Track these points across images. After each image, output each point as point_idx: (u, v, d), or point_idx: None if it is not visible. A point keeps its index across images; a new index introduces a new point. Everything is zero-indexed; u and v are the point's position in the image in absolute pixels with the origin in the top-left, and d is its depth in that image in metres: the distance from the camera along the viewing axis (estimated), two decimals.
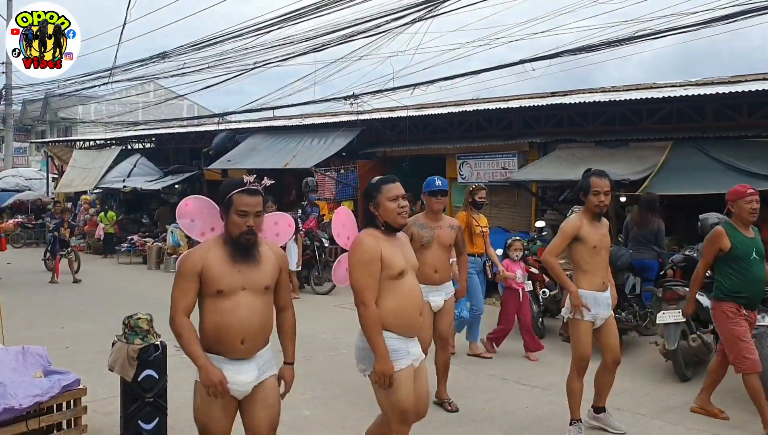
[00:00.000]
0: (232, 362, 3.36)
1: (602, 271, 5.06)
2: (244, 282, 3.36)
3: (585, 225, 4.98)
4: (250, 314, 3.36)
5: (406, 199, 3.78)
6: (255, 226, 3.36)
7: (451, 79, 12.78)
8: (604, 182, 4.96)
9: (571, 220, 5.09)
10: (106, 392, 5.74)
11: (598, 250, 4.98)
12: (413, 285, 3.74)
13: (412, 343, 3.73)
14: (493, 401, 6.01)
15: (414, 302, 3.71)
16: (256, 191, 3.38)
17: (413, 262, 3.82)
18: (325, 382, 6.56)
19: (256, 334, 3.40)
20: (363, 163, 14.67)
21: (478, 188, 7.42)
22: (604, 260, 5.08)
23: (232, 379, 3.34)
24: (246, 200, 3.33)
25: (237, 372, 3.36)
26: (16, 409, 4.34)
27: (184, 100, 33.11)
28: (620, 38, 9.90)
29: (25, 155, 37.27)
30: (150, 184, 19.26)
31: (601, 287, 5.02)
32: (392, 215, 3.70)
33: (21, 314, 9.68)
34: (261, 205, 3.39)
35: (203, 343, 3.39)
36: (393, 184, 3.78)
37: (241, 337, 3.34)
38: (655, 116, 10.57)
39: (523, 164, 11.93)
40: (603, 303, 5.02)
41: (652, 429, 5.34)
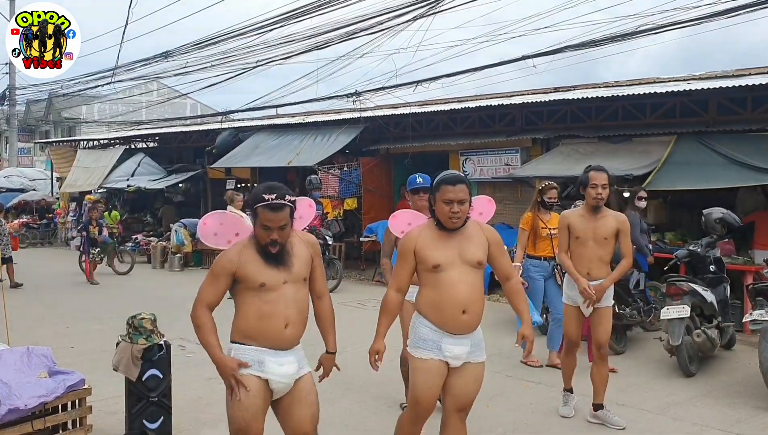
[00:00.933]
0: (275, 354, 3.40)
1: (587, 261, 5.25)
2: (285, 275, 3.42)
3: (575, 217, 5.35)
4: (293, 304, 3.43)
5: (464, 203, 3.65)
6: (280, 238, 3.39)
7: (454, 76, 12.77)
8: (602, 176, 5.21)
9: (563, 214, 5.51)
10: (110, 392, 5.75)
11: (582, 241, 5.26)
12: (454, 280, 3.65)
13: (451, 340, 3.67)
14: (497, 398, 6.01)
15: (453, 296, 3.64)
16: (280, 206, 3.36)
17: (466, 257, 3.68)
18: (330, 380, 6.46)
19: (298, 322, 3.46)
20: (366, 161, 14.66)
21: (548, 187, 7.06)
22: (592, 251, 5.25)
23: (275, 371, 3.39)
24: (269, 216, 3.35)
25: (280, 364, 3.41)
26: (22, 410, 4.36)
27: (187, 99, 33.12)
28: (623, 33, 9.87)
29: (30, 156, 37.35)
30: (154, 183, 19.30)
31: (584, 275, 5.22)
32: (443, 217, 3.68)
33: (26, 314, 9.72)
34: (286, 219, 3.39)
35: (243, 334, 3.42)
36: (453, 185, 3.65)
37: (285, 323, 3.40)
38: (658, 111, 10.55)
39: (526, 160, 11.91)
40: None
41: (657, 425, 5.33)
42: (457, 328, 3.66)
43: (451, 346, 3.67)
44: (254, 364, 3.37)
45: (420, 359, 3.70)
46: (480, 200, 4.18)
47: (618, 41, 9.97)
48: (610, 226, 5.25)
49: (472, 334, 3.72)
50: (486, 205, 4.23)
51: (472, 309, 3.66)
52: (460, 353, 3.68)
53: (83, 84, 22.27)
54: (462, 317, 3.64)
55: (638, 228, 8.33)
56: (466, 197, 3.65)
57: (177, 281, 13.39)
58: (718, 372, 6.79)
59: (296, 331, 3.47)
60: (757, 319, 5.96)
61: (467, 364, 3.72)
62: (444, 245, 3.68)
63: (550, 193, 7.04)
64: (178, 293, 11.65)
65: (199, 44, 16.72)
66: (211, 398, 5.82)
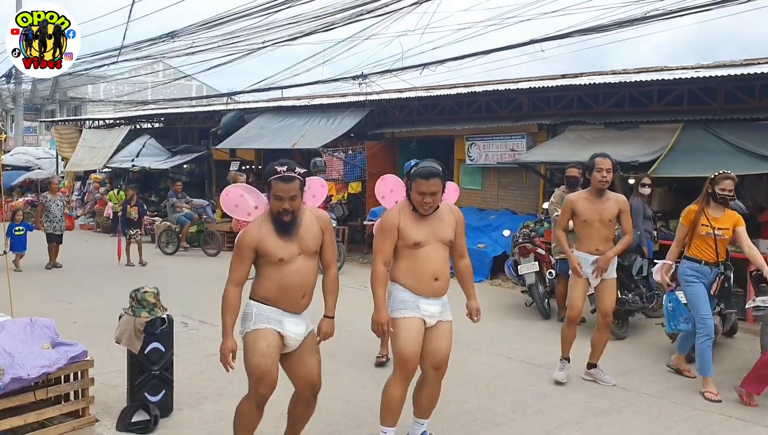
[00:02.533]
0: (292, 316, 3.86)
1: (595, 241, 5.79)
2: (300, 248, 3.81)
3: (580, 200, 5.82)
4: (307, 276, 3.86)
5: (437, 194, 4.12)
6: (291, 208, 3.73)
7: (461, 60, 12.71)
8: (606, 161, 5.71)
9: (568, 197, 5.98)
10: (113, 365, 5.79)
11: (589, 223, 5.77)
12: (430, 255, 4.17)
13: (426, 301, 4.20)
14: (498, 379, 6.03)
15: (427, 268, 4.17)
16: (291, 178, 3.71)
17: (440, 235, 4.20)
18: (331, 358, 6.57)
19: (311, 291, 3.93)
20: (371, 144, 14.62)
21: (722, 177, 5.83)
22: (599, 231, 5.77)
23: (292, 329, 3.84)
24: (281, 187, 3.70)
25: (296, 324, 3.87)
26: (25, 379, 4.39)
27: (193, 79, 33.07)
28: (631, 18, 9.80)
29: (35, 134, 37.36)
30: (159, 163, 19.30)
31: (593, 252, 5.79)
32: (417, 204, 4.16)
33: (30, 290, 9.75)
34: (296, 190, 3.73)
35: (264, 297, 3.83)
36: (427, 180, 4.07)
37: (303, 293, 3.86)
38: (665, 98, 10.49)
39: (532, 146, 11.87)
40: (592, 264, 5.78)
41: (657, 408, 5.35)
42: (431, 291, 4.20)
43: (426, 305, 4.20)
44: (275, 322, 3.81)
45: (403, 318, 4.18)
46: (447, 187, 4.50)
47: (626, 27, 9.90)
48: (613, 208, 5.76)
49: (442, 297, 4.28)
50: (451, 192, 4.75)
51: (442, 277, 4.22)
52: (434, 311, 4.23)
53: (89, 63, 22.20)
54: (435, 283, 4.20)
55: (640, 215, 8.31)
56: (438, 190, 4.12)
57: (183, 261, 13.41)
58: (719, 359, 6.78)
59: (309, 298, 3.93)
60: (759, 305, 5.96)
61: (439, 322, 4.25)
62: (421, 225, 4.18)
63: (724, 183, 5.80)
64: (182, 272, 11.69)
65: (205, 24, 16.65)
66: (212, 373, 5.85)
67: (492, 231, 11.86)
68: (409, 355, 4.15)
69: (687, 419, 5.13)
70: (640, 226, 8.27)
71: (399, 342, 4.17)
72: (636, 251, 8.10)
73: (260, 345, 3.75)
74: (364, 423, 4.92)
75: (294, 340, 3.86)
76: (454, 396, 5.49)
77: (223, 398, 5.29)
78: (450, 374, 5.93)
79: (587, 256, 5.81)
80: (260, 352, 3.74)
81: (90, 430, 4.73)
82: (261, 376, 3.75)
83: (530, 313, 8.63)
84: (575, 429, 4.91)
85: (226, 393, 5.39)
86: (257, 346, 3.75)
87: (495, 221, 12.15)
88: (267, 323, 3.79)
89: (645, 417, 5.16)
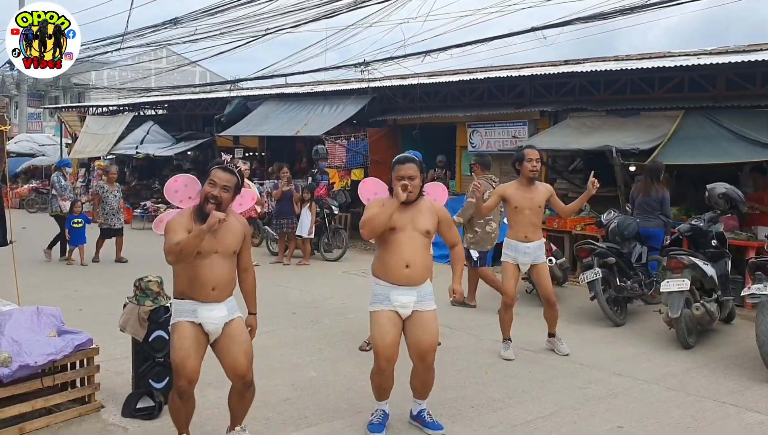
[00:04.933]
0: (205, 304, 3.96)
1: (524, 227, 6.21)
2: (217, 246, 3.93)
3: (512, 189, 6.27)
4: (220, 271, 3.97)
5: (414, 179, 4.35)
6: (220, 196, 3.88)
7: (462, 47, 12.69)
8: (534, 152, 6.31)
9: (500, 186, 6.53)
10: (118, 353, 5.89)
11: (520, 210, 6.21)
12: (404, 242, 4.34)
13: (398, 291, 4.36)
14: (496, 365, 6.12)
15: (399, 254, 4.34)
16: (230, 170, 3.96)
17: (416, 225, 4.39)
18: (333, 345, 6.69)
19: (225, 286, 4.02)
20: (374, 131, 14.66)
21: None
22: (528, 218, 6.22)
23: (206, 315, 3.95)
24: (219, 174, 3.92)
25: (210, 310, 3.96)
26: (32, 367, 4.49)
27: (197, 66, 33.06)
28: (632, 5, 9.79)
29: (39, 121, 37.41)
30: (163, 150, 19.37)
31: (522, 239, 6.21)
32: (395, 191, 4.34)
33: (35, 278, 9.88)
34: (231, 183, 3.93)
35: (179, 292, 3.99)
36: (403, 164, 4.38)
37: (212, 286, 3.95)
38: (666, 85, 10.50)
39: (534, 133, 11.89)
40: (521, 251, 6.22)
41: (651, 394, 5.43)
42: (402, 279, 4.33)
43: (398, 295, 4.34)
44: (188, 313, 3.94)
45: (374, 312, 4.40)
46: (435, 187, 4.89)
47: (627, 14, 9.89)
48: (542, 196, 6.28)
49: (418, 286, 4.38)
50: (439, 193, 4.89)
51: (414, 265, 4.33)
52: (407, 302, 4.35)
53: (92, 50, 22.20)
54: (405, 270, 4.32)
55: (668, 204, 8.53)
56: (416, 174, 4.35)
57: None
58: (716, 345, 6.88)
59: (223, 292, 4.01)
60: (755, 293, 6.02)
61: (416, 312, 4.38)
62: (400, 214, 4.35)
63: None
64: None
65: (209, 11, 16.62)
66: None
67: None
68: (381, 347, 4.33)
69: (681, 405, 5.21)
70: (670, 214, 8.62)
71: (372, 334, 4.43)
72: (635, 238, 8.17)
73: (174, 338, 3.95)
74: (365, 409, 5.00)
75: (212, 325, 3.97)
76: (453, 382, 5.59)
77: (225, 385, 5.33)
78: (449, 360, 6.08)
79: (517, 243, 6.24)
80: (175, 345, 3.92)
81: (96, 416, 4.84)
82: (175, 367, 3.92)
83: (530, 299, 8.71)
84: (571, 414, 5.00)
85: (227, 380, 5.47)
86: (173, 339, 3.96)
87: None
88: (181, 316, 3.95)
89: (640, 403, 5.24)
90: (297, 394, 5.33)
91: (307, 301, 8.65)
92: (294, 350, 6.50)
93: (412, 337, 4.38)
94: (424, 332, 4.36)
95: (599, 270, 7.48)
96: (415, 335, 4.37)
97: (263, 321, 4.46)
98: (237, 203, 4.25)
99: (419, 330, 4.37)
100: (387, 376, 4.43)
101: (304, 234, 11.61)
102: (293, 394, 5.33)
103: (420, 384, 4.54)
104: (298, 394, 5.32)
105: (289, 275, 10.53)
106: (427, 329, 4.37)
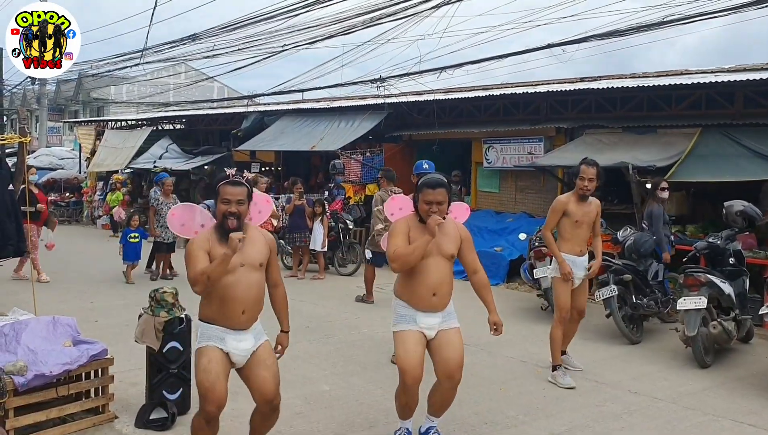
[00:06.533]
0: (234, 332, 3.87)
1: (581, 241, 6.12)
2: (242, 259, 3.82)
3: (572, 203, 6.07)
4: (248, 288, 3.86)
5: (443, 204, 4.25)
6: (238, 211, 3.82)
7: (478, 63, 12.78)
8: (591, 170, 6.01)
9: (560, 199, 6.22)
10: (132, 364, 5.91)
11: (579, 223, 6.07)
12: (430, 269, 4.27)
13: (424, 315, 4.31)
14: (511, 382, 6.08)
15: (426, 281, 4.27)
16: (239, 183, 3.87)
17: (441, 250, 4.29)
18: (345, 359, 6.68)
19: (254, 306, 3.92)
20: (389, 147, 14.70)
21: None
22: (585, 232, 6.13)
23: (234, 346, 3.86)
24: (228, 190, 3.83)
25: (238, 341, 3.88)
26: (47, 376, 4.52)
27: (214, 81, 33.38)
28: (648, 23, 9.79)
29: (59, 134, 37.90)
30: (180, 164, 19.51)
31: (578, 253, 6.12)
32: (423, 215, 4.27)
33: (52, 289, 9.95)
34: (243, 195, 3.86)
35: (207, 316, 3.90)
36: (434, 190, 4.25)
37: (242, 309, 3.85)
38: (683, 102, 10.46)
39: (550, 149, 11.88)
40: (579, 265, 6.11)
41: (668, 413, 5.36)
42: (428, 307, 4.31)
43: (424, 318, 4.31)
44: (216, 340, 3.85)
45: (400, 332, 4.33)
46: (459, 207, 4.90)
47: (644, 31, 9.89)
48: (594, 211, 6.16)
49: (442, 311, 4.36)
50: (462, 211, 4.93)
51: (440, 292, 4.30)
52: (432, 324, 4.32)
53: (112, 65, 22.54)
54: (432, 299, 4.29)
55: (661, 220, 8.33)
56: (444, 199, 4.25)
57: None
58: (733, 364, 6.79)
59: (252, 315, 3.92)
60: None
61: (441, 332, 4.33)
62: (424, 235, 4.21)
63: None
64: None
65: (227, 27, 16.87)
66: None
67: (509, 234, 11.89)
68: (407, 366, 4.23)
69: (698, 425, 5.15)
70: (661, 232, 8.31)
71: (398, 354, 4.33)
72: (651, 256, 8.11)
73: (202, 361, 3.81)
74: (377, 423, 4.99)
75: (239, 356, 3.88)
76: (466, 398, 5.54)
77: (239, 396, 5.37)
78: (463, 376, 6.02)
79: (574, 257, 6.09)
80: (202, 368, 3.79)
81: (110, 426, 4.85)
82: (204, 392, 3.79)
83: (545, 316, 8.65)
84: (585, 432, 4.95)
85: (241, 392, 5.43)
86: (200, 362, 3.82)
87: (512, 224, 12.17)
88: (209, 341, 3.85)
89: (656, 421, 5.18)
90: (309, 407, 5.32)
91: (321, 315, 8.64)
92: (307, 364, 6.49)
93: (440, 357, 4.31)
94: (452, 350, 4.30)
95: (615, 287, 7.43)
96: (443, 355, 4.30)
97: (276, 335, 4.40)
98: (255, 212, 4.19)
99: (447, 349, 4.30)
100: (412, 395, 4.33)
101: (318, 247, 11.62)
102: (306, 407, 5.32)
103: (440, 400, 4.46)
104: (311, 408, 5.31)
105: (304, 289, 10.53)
106: (453, 347, 4.31)
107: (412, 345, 4.26)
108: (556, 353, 6.11)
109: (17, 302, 7.01)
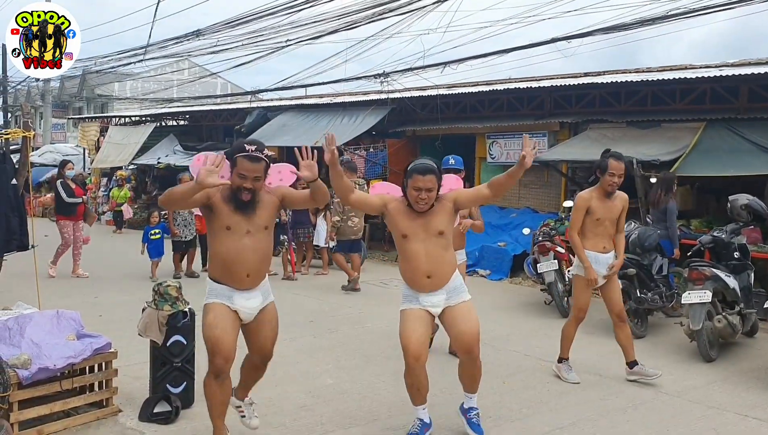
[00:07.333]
0: (241, 292, 3.99)
1: (605, 238, 5.88)
2: (248, 226, 3.92)
3: (594, 199, 5.81)
4: (253, 253, 3.94)
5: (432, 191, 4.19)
6: (253, 187, 3.86)
7: (482, 58, 12.72)
8: (620, 165, 5.75)
9: (581, 195, 5.93)
10: (136, 358, 5.91)
11: (601, 221, 5.82)
12: (419, 253, 4.26)
13: (425, 295, 4.32)
14: (514, 376, 6.07)
15: (418, 266, 4.28)
16: (258, 159, 3.84)
17: (429, 229, 4.27)
18: (349, 353, 6.68)
19: (259, 270, 4.02)
20: (392, 142, 14.68)
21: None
22: (608, 229, 5.88)
23: (242, 303, 3.99)
24: (246, 165, 3.82)
25: (246, 299, 4.01)
26: (51, 369, 4.52)
27: (218, 77, 33.36)
28: (652, 17, 9.75)
29: (63, 131, 37.93)
30: (184, 159, 19.51)
31: (601, 250, 5.86)
32: (412, 200, 4.25)
33: (56, 284, 9.97)
34: (261, 171, 3.87)
35: (216, 275, 4.02)
36: (423, 175, 4.17)
37: (246, 272, 3.95)
38: (688, 97, 10.43)
39: (554, 144, 11.86)
40: (602, 262, 5.85)
41: (673, 407, 5.35)
42: (426, 288, 4.31)
43: (426, 297, 4.33)
44: (224, 298, 3.97)
45: (403, 311, 4.37)
46: (448, 180, 4.57)
47: (649, 25, 9.84)
48: (619, 207, 5.90)
49: (444, 287, 4.33)
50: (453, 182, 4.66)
51: (435, 273, 4.28)
52: (436, 302, 4.33)
53: (116, 61, 22.53)
54: (427, 281, 4.29)
55: (675, 216, 8.42)
56: (434, 186, 4.19)
57: None
58: (738, 358, 6.77)
59: (257, 277, 4.03)
60: None
61: (449, 308, 4.34)
62: (411, 221, 4.27)
63: None
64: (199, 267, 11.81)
65: (230, 23, 16.82)
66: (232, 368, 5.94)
67: (512, 229, 11.88)
68: (410, 344, 4.23)
69: (702, 418, 5.13)
70: (676, 227, 8.44)
71: (400, 332, 4.33)
72: (656, 250, 8.09)
73: (209, 317, 3.94)
74: (381, 416, 4.99)
75: (246, 313, 4.02)
76: None
77: None
78: None
79: (598, 254, 5.86)
80: (208, 323, 3.92)
81: (113, 419, 4.85)
82: (211, 346, 3.91)
83: (549, 311, 8.64)
84: (589, 426, 4.94)
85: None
86: (207, 318, 3.95)
87: (516, 219, 12.16)
88: (217, 298, 3.97)
89: (660, 415, 5.17)
90: (313, 401, 5.31)
91: (325, 310, 8.64)
92: (311, 358, 6.49)
93: (454, 333, 4.35)
94: (464, 324, 4.31)
95: (619, 281, 7.39)
96: (456, 330, 4.33)
97: (281, 329, 4.40)
98: (276, 179, 4.20)
99: (459, 323, 4.32)
100: (417, 375, 4.29)
101: (321, 243, 11.62)
102: (310, 401, 5.31)
103: (468, 377, 4.51)
104: (315, 401, 5.30)
105: (308, 284, 10.53)
106: (465, 321, 4.32)
107: (412, 323, 4.29)
108: (565, 347, 6.06)
109: (21, 297, 7.01)
